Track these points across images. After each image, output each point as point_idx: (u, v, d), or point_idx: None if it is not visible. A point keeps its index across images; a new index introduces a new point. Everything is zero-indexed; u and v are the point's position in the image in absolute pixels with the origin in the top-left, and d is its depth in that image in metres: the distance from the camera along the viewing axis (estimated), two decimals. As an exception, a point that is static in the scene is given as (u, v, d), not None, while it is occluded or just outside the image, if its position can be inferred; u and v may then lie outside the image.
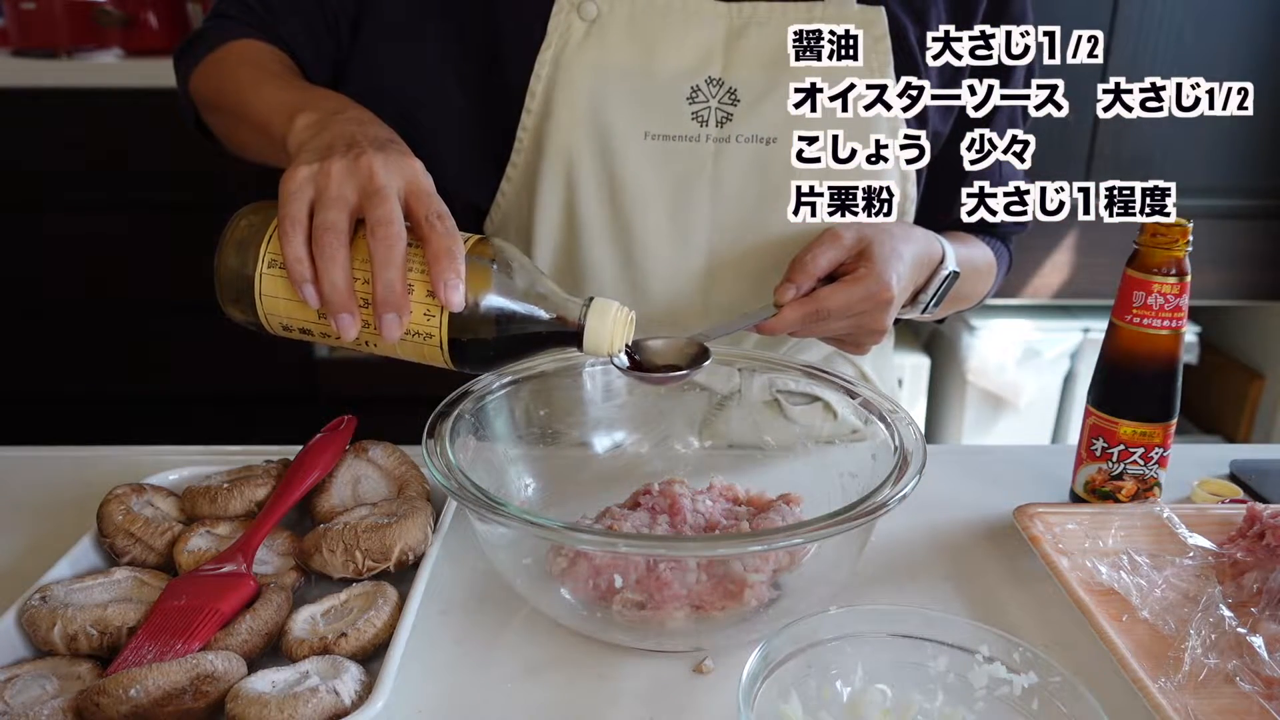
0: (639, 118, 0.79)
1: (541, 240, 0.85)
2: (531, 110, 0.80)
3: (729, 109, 0.79)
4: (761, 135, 0.79)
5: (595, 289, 0.85)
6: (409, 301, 0.56)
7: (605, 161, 0.80)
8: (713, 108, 0.79)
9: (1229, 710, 0.54)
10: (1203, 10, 1.83)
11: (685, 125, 0.79)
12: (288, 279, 0.57)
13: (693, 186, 0.81)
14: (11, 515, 0.76)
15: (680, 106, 0.79)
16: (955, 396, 2.18)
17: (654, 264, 0.84)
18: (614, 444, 0.80)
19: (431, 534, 0.66)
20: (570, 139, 0.80)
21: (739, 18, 0.79)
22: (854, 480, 0.68)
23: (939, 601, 0.67)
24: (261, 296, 0.59)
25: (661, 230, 0.82)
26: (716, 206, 0.82)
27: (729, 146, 0.80)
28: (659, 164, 0.80)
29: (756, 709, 0.49)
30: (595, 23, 0.78)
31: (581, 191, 0.81)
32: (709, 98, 0.79)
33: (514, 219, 0.87)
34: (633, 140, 0.80)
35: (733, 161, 0.80)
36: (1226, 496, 0.78)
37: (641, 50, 0.78)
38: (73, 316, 2.04)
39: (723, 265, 0.84)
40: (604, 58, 0.78)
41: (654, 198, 0.81)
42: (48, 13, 1.90)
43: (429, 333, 0.57)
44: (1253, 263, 2.00)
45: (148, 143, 1.91)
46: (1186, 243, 0.69)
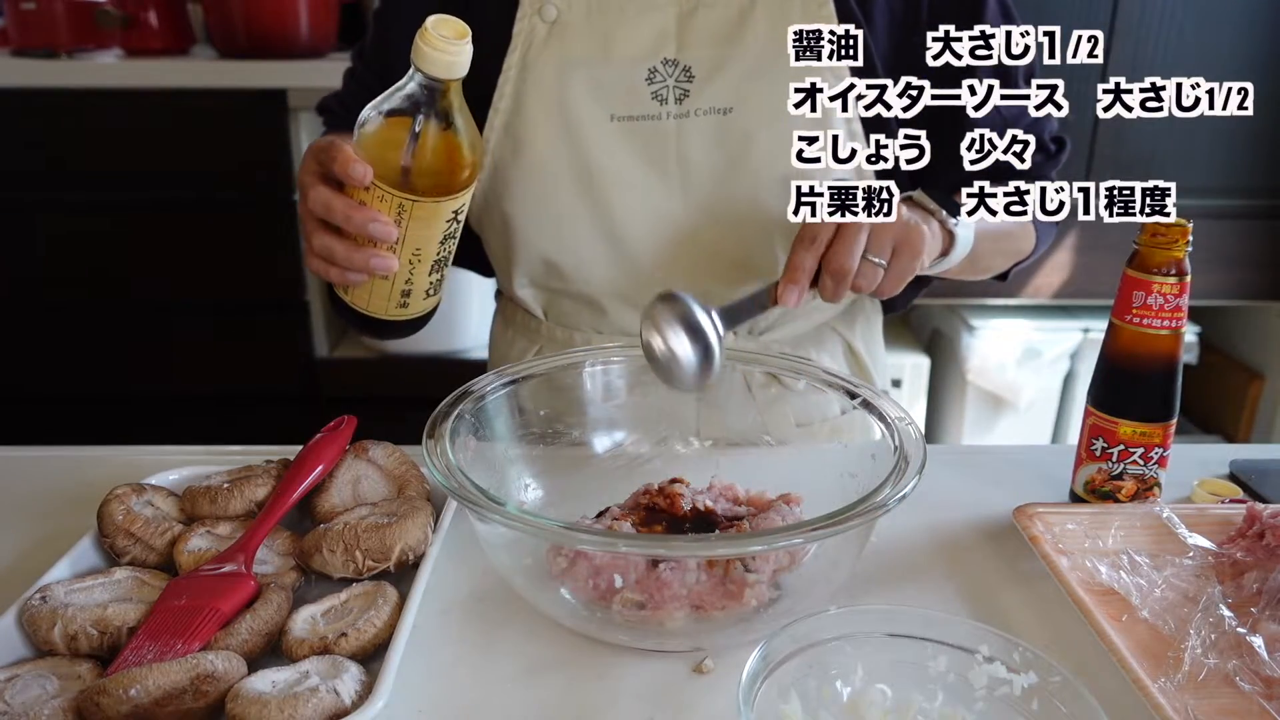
0: (603, 102, 0.84)
1: (524, 234, 0.88)
2: (500, 109, 0.85)
3: (685, 85, 0.84)
4: (718, 106, 0.84)
5: (585, 277, 0.90)
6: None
7: (577, 149, 0.85)
8: (670, 86, 0.84)
9: (1229, 710, 0.54)
10: (1203, 10, 1.84)
11: (646, 105, 0.84)
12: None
13: (661, 162, 0.85)
14: (11, 515, 0.76)
15: (640, 88, 0.84)
16: (955, 396, 2.18)
17: (636, 244, 0.88)
18: (614, 444, 0.80)
19: (431, 534, 0.66)
20: (543, 132, 0.85)
21: (688, 2, 0.84)
22: (854, 480, 0.68)
23: (939, 601, 0.67)
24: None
25: (638, 209, 0.86)
26: (686, 179, 0.86)
27: (689, 120, 0.84)
28: (627, 144, 0.85)
29: (756, 709, 0.49)
30: (555, 23, 0.84)
31: (559, 181, 0.86)
32: (666, 77, 0.84)
33: (488, 216, 0.91)
34: (600, 124, 0.84)
35: (694, 134, 0.85)
36: (1226, 496, 0.78)
37: (600, 41, 0.84)
38: (73, 316, 2.04)
39: (702, 235, 0.88)
40: (566, 52, 0.84)
41: (627, 177, 0.85)
42: (48, 13, 1.90)
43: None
44: (1253, 263, 2.00)
45: (148, 143, 1.91)
46: (1186, 243, 0.69)
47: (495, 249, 0.95)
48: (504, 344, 1.02)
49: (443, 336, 2.07)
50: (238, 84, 1.87)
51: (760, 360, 0.82)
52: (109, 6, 1.93)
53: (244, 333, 2.06)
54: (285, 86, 1.86)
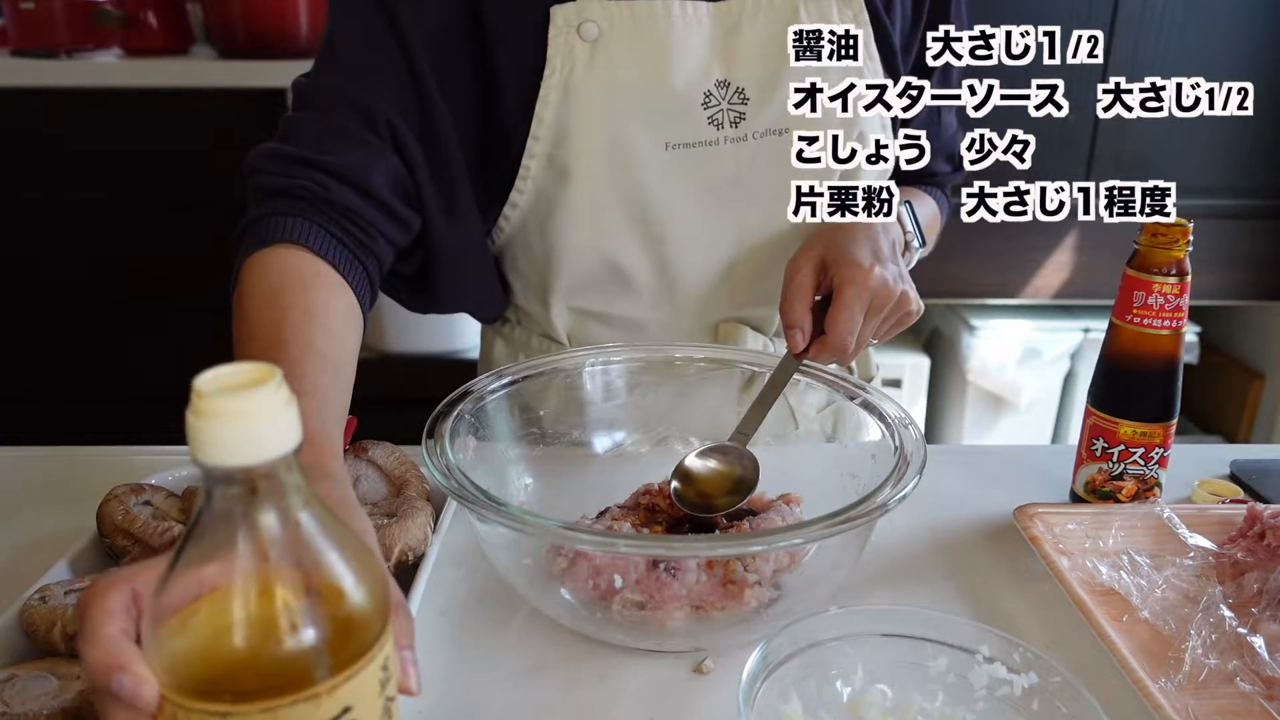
0: (657, 130, 0.80)
1: (566, 259, 0.85)
2: (540, 137, 0.79)
3: (740, 109, 0.80)
4: (775, 129, 0.81)
5: (631, 294, 0.88)
6: None
7: (630, 177, 0.81)
8: (725, 109, 0.80)
9: (1229, 710, 0.54)
10: (1203, 10, 1.84)
11: (703, 131, 0.80)
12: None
13: (718, 189, 0.83)
14: (11, 515, 0.76)
15: (696, 113, 0.80)
16: (955, 396, 2.18)
17: (685, 267, 0.86)
18: (614, 444, 0.80)
19: (431, 534, 0.66)
20: (592, 162, 0.80)
21: (729, 16, 0.79)
22: (854, 480, 0.68)
23: (939, 601, 0.67)
24: None
25: (692, 235, 0.84)
26: (742, 203, 0.84)
27: (746, 144, 0.81)
28: (682, 171, 0.81)
29: (756, 709, 0.49)
30: (598, 43, 0.77)
31: (609, 210, 0.82)
32: (720, 100, 0.80)
33: (523, 243, 0.87)
34: (655, 152, 0.80)
35: (751, 158, 0.82)
36: (1227, 496, 0.78)
37: (649, 64, 0.78)
38: (73, 316, 2.04)
39: (749, 258, 0.87)
40: (614, 77, 0.78)
41: (683, 205, 0.82)
42: (48, 13, 1.90)
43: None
44: (1253, 263, 2.00)
45: (148, 143, 1.91)
46: (1187, 243, 0.69)
47: (527, 272, 0.90)
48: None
49: (443, 336, 2.07)
50: (238, 84, 1.87)
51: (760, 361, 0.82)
52: (108, 6, 1.93)
53: (244, 333, 2.06)
54: (285, 86, 1.86)
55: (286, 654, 0.34)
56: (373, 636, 0.37)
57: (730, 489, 0.68)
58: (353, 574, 0.36)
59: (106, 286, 2.01)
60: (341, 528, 0.37)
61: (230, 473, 0.33)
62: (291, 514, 0.35)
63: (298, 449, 0.35)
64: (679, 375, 0.79)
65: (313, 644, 0.35)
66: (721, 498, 0.68)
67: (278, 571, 0.35)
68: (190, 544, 0.35)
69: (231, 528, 0.34)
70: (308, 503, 0.35)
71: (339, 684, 0.35)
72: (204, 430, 0.33)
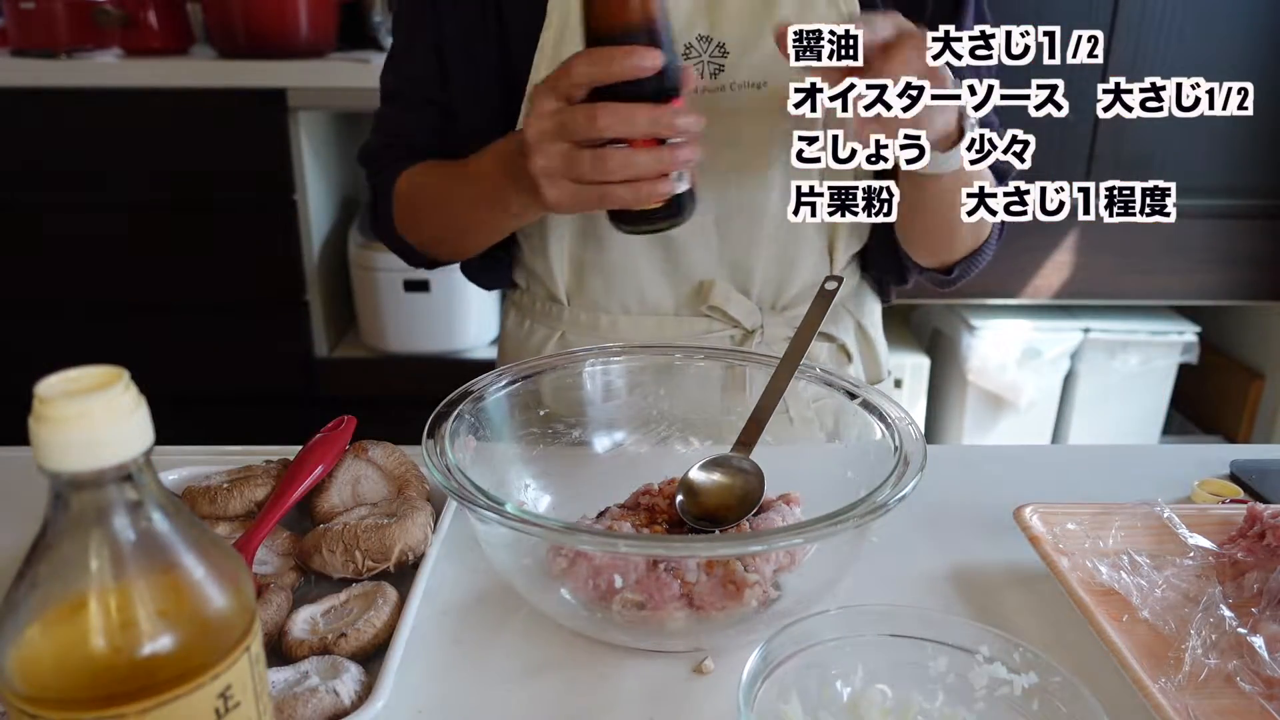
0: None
1: (556, 216, 0.90)
2: (537, 83, 0.85)
3: (720, 61, 0.86)
4: (752, 81, 0.86)
5: (619, 250, 0.92)
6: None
7: None
8: (705, 61, 0.86)
9: (1229, 710, 0.54)
10: (1203, 10, 1.84)
11: None
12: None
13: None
14: (11, 515, 0.76)
15: None
16: (955, 396, 2.18)
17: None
18: (614, 444, 0.80)
19: (431, 534, 0.66)
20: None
21: None
22: (854, 480, 0.68)
23: (939, 601, 0.67)
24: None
25: None
26: (719, 153, 0.85)
27: (723, 95, 0.86)
28: None
29: (756, 709, 0.49)
30: None
31: None
32: (701, 53, 0.86)
33: None
34: None
35: (728, 109, 0.86)
36: (1227, 496, 0.78)
37: None
38: (73, 316, 2.04)
39: (733, 212, 0.90)
40: None
41: None
42: (48, 13, 1.90)
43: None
44: (1253, 263, 2.00)
45: (148, 143, 1.91)
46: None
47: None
48: (519, 337, 1.01)
49: (443, 336, 2.08)
50: (237, 84, 1.87)
51: (760, 361, 0.82)
52: (108, 6, 1.93)
53: (244, 333, 2.06)
54: (285, 86, 1.86)
55: (146, 657, 0.34)
56: (238, 633, 0.36)
57: (736, 502, 0.68)
58: (211, 572, 0.36)
59: (106, 286, 2.02)
60: (199, 527, 0.37)
61: (77, 478, 0.33)
62: (143, 517, 0.34)
63: (148, 451, 0.34)
64: (679, 375, 0.80)
65: (172, 646, 0.34)
66: (727, 512, 0.68)
67: (134, 576, 0.34)
68: (39, 553, 0.34)
69: (82, 534, 0.33)
70: (161, 505, 0.35)
71: (205, 681, 0.35)
72: (46, 435, 0.33)
